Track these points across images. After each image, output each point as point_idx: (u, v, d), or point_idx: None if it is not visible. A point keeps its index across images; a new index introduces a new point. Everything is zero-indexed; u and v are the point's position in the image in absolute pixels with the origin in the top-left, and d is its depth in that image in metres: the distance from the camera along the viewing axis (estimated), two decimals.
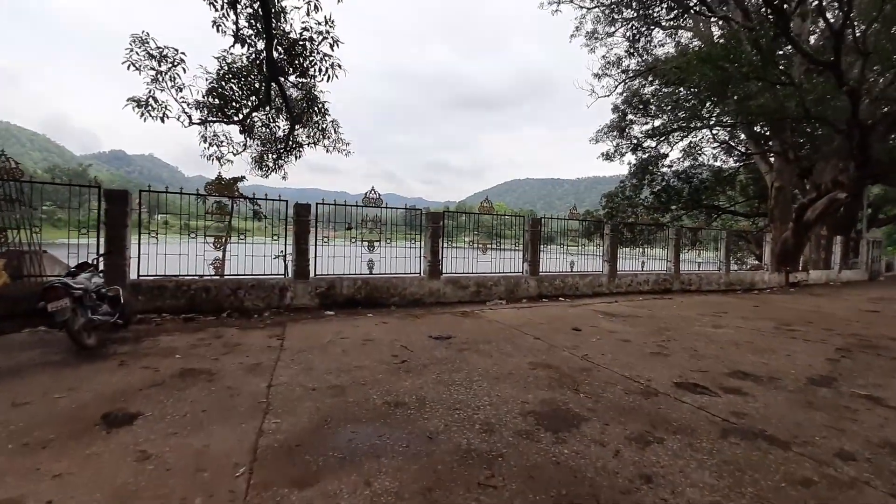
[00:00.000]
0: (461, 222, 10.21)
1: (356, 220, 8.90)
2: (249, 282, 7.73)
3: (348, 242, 8.77)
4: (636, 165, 26.79)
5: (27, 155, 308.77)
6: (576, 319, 7.88)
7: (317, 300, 8.23)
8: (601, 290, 11.73)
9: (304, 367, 4.50)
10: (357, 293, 8.58)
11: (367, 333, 6.25)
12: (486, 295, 9.98)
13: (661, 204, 26.15)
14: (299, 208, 8.06)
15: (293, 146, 11.02)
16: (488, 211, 10.20)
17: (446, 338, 6.10)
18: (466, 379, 4.31)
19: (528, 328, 6.98)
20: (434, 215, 9.39)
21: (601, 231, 12.21)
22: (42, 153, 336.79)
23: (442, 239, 9.50)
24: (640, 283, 12.48)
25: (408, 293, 9.08)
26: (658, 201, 26.36)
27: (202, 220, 7.77)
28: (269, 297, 7.86)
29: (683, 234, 13.77)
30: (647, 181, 26.30)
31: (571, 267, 11.45)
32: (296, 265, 8.06)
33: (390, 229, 9.26)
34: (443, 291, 9.45)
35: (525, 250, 10.76)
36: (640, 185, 26.53)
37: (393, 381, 4.19)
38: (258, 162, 11.31)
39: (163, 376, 4.12)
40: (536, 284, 10.70)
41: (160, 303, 7.16)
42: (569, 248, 11.49)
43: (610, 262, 11.89)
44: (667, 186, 25.93)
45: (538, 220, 10.84)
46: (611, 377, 4.53)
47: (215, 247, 7.57)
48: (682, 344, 6.14)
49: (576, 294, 11.26)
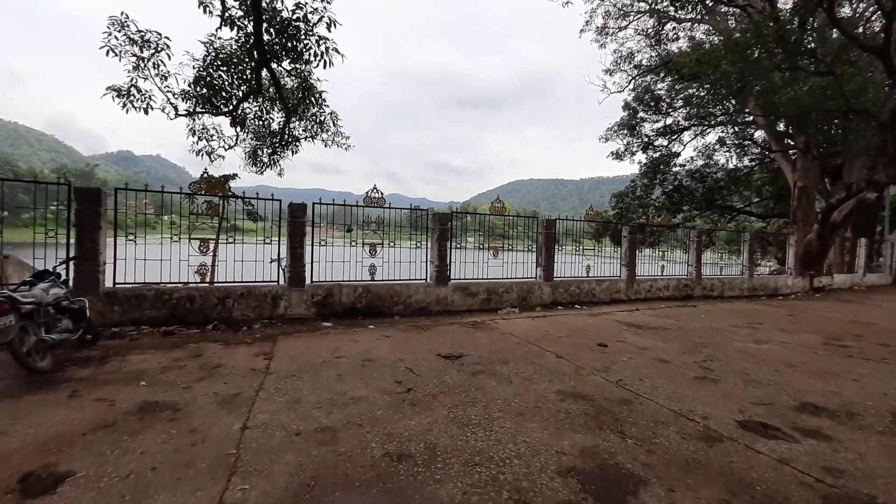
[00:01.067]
0: (469, 224, 9.46)
1: (357, 222, 8.17)
2: (239, 290, 7.01)
3: (348, 245, 8.04)
4: (647, 165, 26.00)
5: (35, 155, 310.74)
6: (599, 332, 7.12)
7: (313, 310, 7.50)
8: (619, 297, 10.96)
9: (289, 400, 3.76)
10: (357, 302, 7.85)
11: (367, 351, 5.51)
12: (498, 302, 9.23)
13: (673, 204, 25.31)
14: (294, 208, 7.33)
15: (289, 140, 10.27)
16: (499, 212, 9.45)
17: (457, 357, 5.35)
18: (485, 415, 3.56)
19: (548, 343, 6.22)
20: (441, 216, 8.65)
21: (613, 233, 11.41)
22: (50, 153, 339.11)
23: (450, 242, 8.75)
24: (659, 289, 11.69)
25: (413, 301, 8.34)
26: (670, 201, 25.53)
27: (188, 222, 7.06)
28: (260, 307, 7.13)
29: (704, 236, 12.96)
30: (659, 181, 25.47)
31: (587, 272, 10.68)
32: (290, 271, 7.33)
33: (394, 231, 8.53)
34: (451, 299, 8.71)
35: (538, 254, 10.00)
36: (652, 185, 25.71)
37: (396, 419, 3.44)
38: (252, 157, 10.57)
39: (117, 413, 3.39)
40: (551, 291, 9.94)
41: (138, 314, 6.45)
42: (585, 251, 10.71)
43: (628, 267, 11.11)
44: (679, 186, 25.09)
45: (552, 221, 10.07)
46: (657, 413, 3.77)
47: (201, 251, 6.85)
48: (729, 365, 5.36)
49: (592, 301, 10.50)
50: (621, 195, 26.38)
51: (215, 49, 8.38)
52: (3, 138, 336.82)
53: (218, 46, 8.39)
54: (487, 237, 9.53)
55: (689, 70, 16.65)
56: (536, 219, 10.03)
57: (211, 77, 8.38)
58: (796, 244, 15.64)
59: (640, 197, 25.98)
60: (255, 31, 6.96)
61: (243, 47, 7.79)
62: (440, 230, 8.59)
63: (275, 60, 7.65)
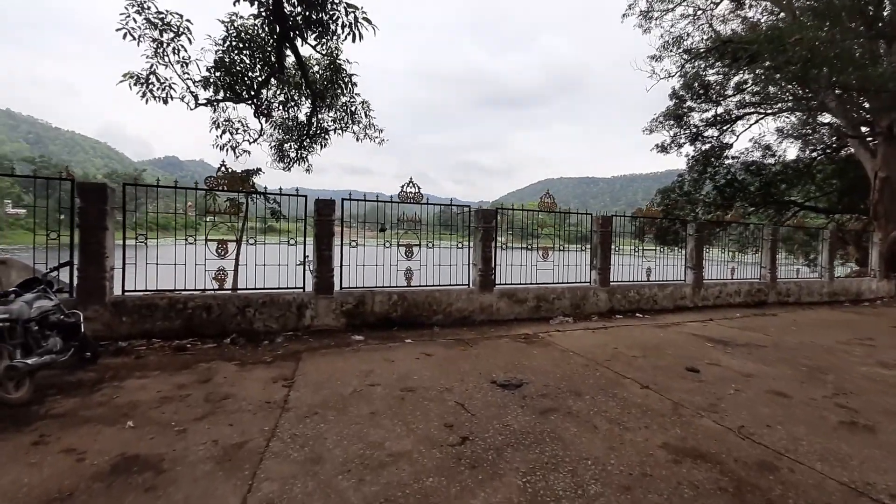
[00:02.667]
0: (515, 221, 8.39)
1: (391, 220, 7.26)
2: (260, 298, 6.21)
3: (381, 246, 7.13)
4: (694, 158, 24.19)
5: (90, 161, 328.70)
6: (678, 350, 5.95)
7: (343, 320, 6.63)
8: (684, 304, 9.65)
9: (308, 457, 2.83)
10: (392, 310, 6.94)
11: (405, 376, 4.56)
12: (548, 311, 8.14)
13: (725, 200, 23.39)
14: (321, 205, 6.48)
15: (318, 132, 9.47)
16: (548, 207, 8.35)
17: (517, 385, 4.33)
18: (576, 489, 2.53)
19: (622, 366, 5.12)
20: (486, 213, 7.63)
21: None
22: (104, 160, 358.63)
23: (495, 242, 7.73)
24: (729, 294, 10.29)
25: (454, 310, 7.36)
26: (721, 197, 23.62)
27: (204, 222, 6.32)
28: (284, 317, 6.31)
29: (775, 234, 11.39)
30: (710, 174, 23.59)
31: (648, 275, 9.43)
32: (317, 276, 6.48)
33: (430, 231, 7.57)
34: (496, 307, 7.68)
35: (593, 255, 8.83)
36: (701, 180, 23.86)
37: (453, 494, 2.46)
38: (278, 152, 9.82)
39: (81, 475, 2.55)
40: (607, 297, 8.76)
41: (149, 325, 5.73)
42: (644, 251, 9.45)
43: (695, 270, 9.77)
44: (732, 180, 23.12)
45: (609, 218, 8.89)
46: (823, 487, 2.64)
47: (219, 254, 6.08)
48: (871, 402, 4.13)
49: (654, 308, 9.25)
50: (667, 191, 24.64)
51: (236, 28, 7.63)
52: (62, 146, 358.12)
53: (238, 26, 7.64)
54: (535, 237, 8.44)
55: (755, 50, 15.00)
56: (591, 215, 8.87)
57: (232, 61, 7.65)
58: (880, 242, 13.80)
59: (687, 193, 24.16)
60: (276, 1, 6.14)
61: (264, 23, 7.00)
62: (484, 229, 7.58)
63: (298, 34, 6.82)
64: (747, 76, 22.27)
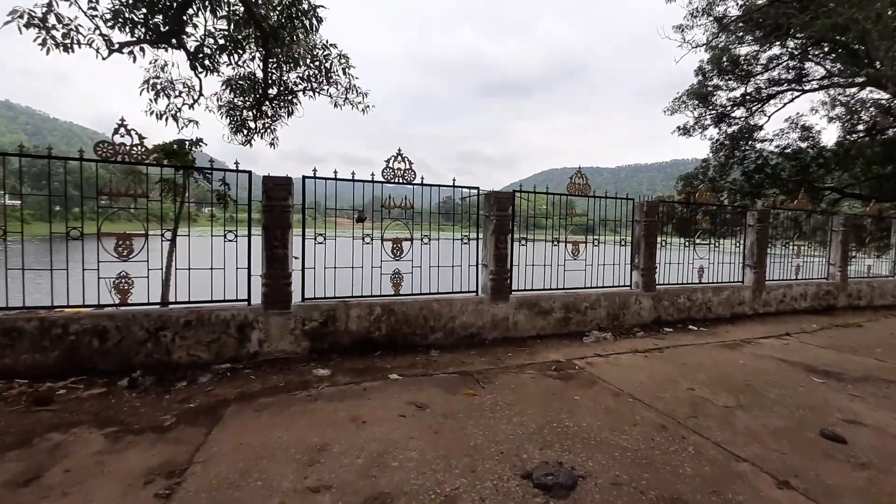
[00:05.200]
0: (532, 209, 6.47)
1: (372, 207, 5.40)
2: (182, 316, 4.37)
3: (360, 241, 5.26)
4: (719, 142, 22.20)
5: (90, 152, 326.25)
6: (782, 391, 4.12)
7: (304, 344, 4.80)
8: (742, 311, 7.79)
9: None
10: (374, 329, 5.10)
11: (379, 459, 2.74)
12: (579, 323, 6.30)
13: (754, 187, 21.41)
14: (271, 184, 4.61)
15: (281, 92, 7.54)
16: (580, 190, 6.45)
17: (566, 487, 2.50)
18: None
19: (719, 427, 3.30)
20: (500, 198, 5.76)
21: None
22: None
23: (512, 235, 5.86)
24: (794, 299, 8.42)
25: (457, 325, 5.52)
26: (749, 183, 21.62)
27: (106, 207, 4.49)
28: (218, 344, 4.48)
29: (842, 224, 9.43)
30: (738, 159, 21.55)
31: (700, 275, 7.55)
32: (267, 284, 4.64)
33: (426, 221, 5.71)
34: (513, 321, 5.84)
35: (635, 252, 6.96)
36: (728, 164, 21.84)
37: None
38: (231, 117, 7.82)
39: None
40: (652, 304, 6.90)
41: (9, 360, 3.91)
42: (696, 245, 7.53)
43: (755, 269, 7.89)
44: (763, 164, 21.07)
45: (655, 204, 7.00)
46: None
47: (119, 253, 4.24)
48: None
49: (707, 317, 7.39)
50: (689, 177, 22.71)
51: None
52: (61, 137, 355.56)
53: None
54: (562, 227, 6.54)
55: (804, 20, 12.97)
56: (632, 201, 6.96)
57: None
58: None
59: (712, 179, 22.16)
60: None
61: None
62: (497, 219, 5.71)
63: None
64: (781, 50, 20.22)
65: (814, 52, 19.40)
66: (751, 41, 19.55)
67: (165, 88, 7.07)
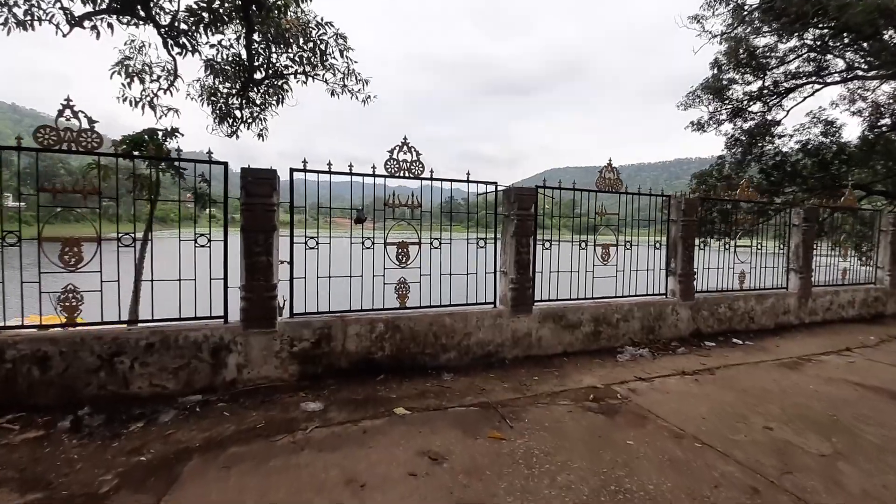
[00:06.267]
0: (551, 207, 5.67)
1: (374, 206, 4.62)
2: (142, 338, 3.61)
3: (359, 246, 4.47)
4: (734, 138, 21.32)
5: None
6: (881, 430, 3.31)
7: (292, 368, 4.03)
8: (787, 320, 6.98)
9: None
10: (376, 349, 4.33)
11: None
12: (611, 338, 5.51)
13: (772, 185, 20.51)
14: (251, 178, 3.84)
15: (270, 77, 6.73)
16: (611, 185, 5.65)
17: None
18: None
19: (827, 489, 2.54)
20: (521, 195, 4.96)
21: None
22: None
23: (535, 237, 5.07)
24: (841, 306, 7.60)
25: (473, 343, 4.74)
26: (767, 181, 20.72)
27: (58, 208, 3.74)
28: (187, 371, 3.72)
29: None
30: (756, 155, 20.66)
31: (741, 280, 6.74)
32: (248, 297, 3.87)
33: (436, 222, 4.94)
34: (536, 336, 5.05)
35: (671, 255, 6.16)
36: (745, 161, 20.97)
37: None
38: (213, 104, 6.98)
39: None
40: (690, 315, 6.11)
41: None
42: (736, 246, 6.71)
43: (802, 273, 7.07)
44: (782, 161, 20.16)
45: (694, 202, 6.21)
46: None
47: (65, 261, 3.48)
48: None
49: (750, 328, 6.59)
50: (704, 175, 21.86)
51: None
52: None
53: None
54: (592, 230, 5.74)
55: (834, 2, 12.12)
56: (668, 198, 6.16)
57: None
58: None
59: (727, 177, 21.30)
60: None
61: None
62: (518, 218, 4.92)
63: None
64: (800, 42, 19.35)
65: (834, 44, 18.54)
66: (769, 32, 18.70)
67: (140, 72, 6.31)
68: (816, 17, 15.18)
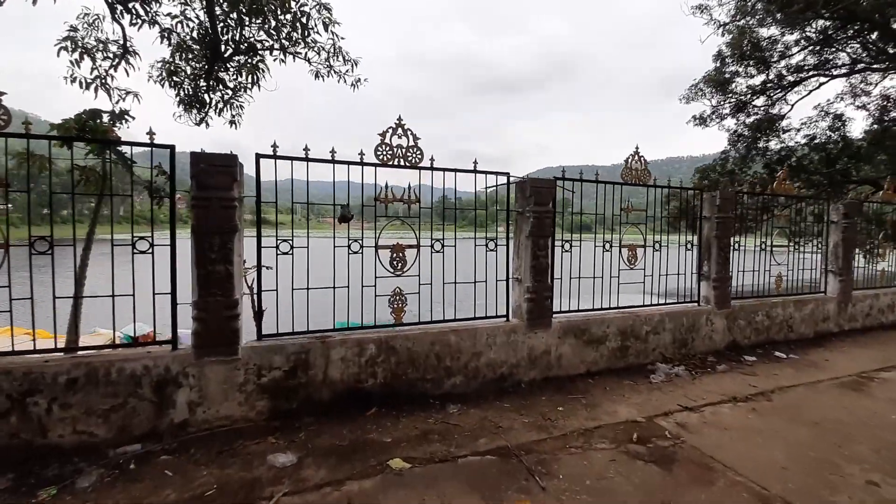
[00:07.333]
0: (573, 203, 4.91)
1: (361, 202, 3.81)
2: (63, 371, 2.78)
3: (344, 250, 3.66)
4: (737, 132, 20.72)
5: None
6: None
7: (261, 404, 3.22)
8: (826, 328, 6.27)
9: None
10: (365, 375, 3.53)
11: None
12: (639, 353, 4.75)
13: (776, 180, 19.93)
14: (204, 166, 3.02)
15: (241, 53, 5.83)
16: (638, 178, 4.89)
17: None
18: None
19: None
20: (539, 188, 4.18)
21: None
22: None
23: (553, 238, 4.29)
24: (881, 311, 6.91)
25: (483, 364, 3.96)
26: (772, 176, 20.14)
27: None
28: (123, 412, 2.90)
29: None
30: (761, 150, 20.06)
31: (778, 283, 6.02)
32: (200, 315, 3.05)
33: (438, 221, 4.15)
34: (556, 354, 4.28)
35: (703, 258, 5.41)
36: (749, 156, 20.37)
37: None
38: (172, 80, 6.02)
39: None
40: (725, 325, 5.37)
41: None
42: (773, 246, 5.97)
43: (842, 276, 6.36)
44: (787, 156, 19.57)
45: (731, 196, 5.46)
46: None
47: None
48: None
49: (789, 338, 5.87)
50: (706, 170, 21.29)
51: None
52: None
53: None
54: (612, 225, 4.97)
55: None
56: (702, 193, 5.41)
57: None
58: None
59: (731, 172, 20.75)
60: None
61: None
62: (536, 216, 4.13)
63: None
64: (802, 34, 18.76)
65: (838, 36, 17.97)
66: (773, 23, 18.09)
67: (93, 49, 5.43)
68: (825, 5, 14.53)
